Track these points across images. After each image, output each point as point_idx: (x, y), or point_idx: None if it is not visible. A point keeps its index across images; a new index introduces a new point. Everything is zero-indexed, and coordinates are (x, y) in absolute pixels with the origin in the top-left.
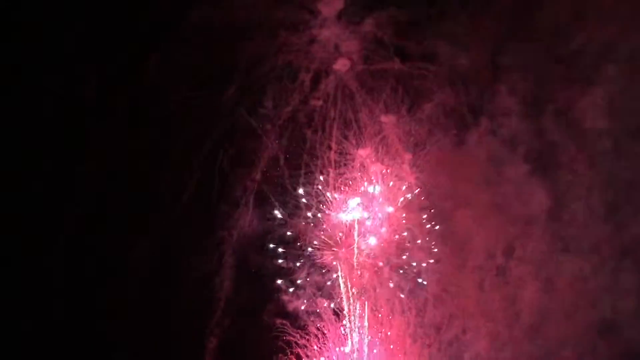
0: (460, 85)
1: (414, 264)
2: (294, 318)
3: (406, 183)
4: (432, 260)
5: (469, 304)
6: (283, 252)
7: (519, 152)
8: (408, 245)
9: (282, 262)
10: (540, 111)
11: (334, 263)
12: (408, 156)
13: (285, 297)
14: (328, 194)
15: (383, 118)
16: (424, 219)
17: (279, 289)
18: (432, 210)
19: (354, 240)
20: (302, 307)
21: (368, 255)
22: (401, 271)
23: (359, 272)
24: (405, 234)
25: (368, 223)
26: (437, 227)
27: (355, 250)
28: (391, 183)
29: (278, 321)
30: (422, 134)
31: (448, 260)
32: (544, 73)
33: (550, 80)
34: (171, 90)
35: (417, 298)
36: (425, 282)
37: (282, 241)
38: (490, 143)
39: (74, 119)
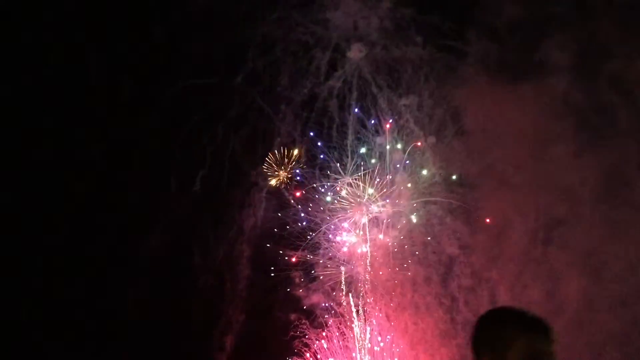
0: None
1: (443, 255)
2: (310, 315)
3: (431, 169)
4: (463, 251)
5: (505, 298)
6: (299, 244)
7: (566, 120)
8: (435, 236)
9: (297, 255)
10: (594, 71)
11: (353, 257)
12: (432, 140)
13: (301, 293)
14: (345, 184)
15: (404, 101)
16: (453, 206)
17: (295, 283)
18: (462, 195)
19: (375, 231)
20: (319, 304)
21: (390, 248)
22: (428, 264)
23: (380, 267)
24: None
25: (389, 212)
26: (469, 214)
27: (370, 245)
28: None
29: (293, 317)
30: (449, 112)
31: (481, 250)
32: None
33: (607, 33)
34: (179, 72)
35: (447, 293)
36: (455, 276)
37: (297, 232)
38: (533, 111)
39: (76, 99)
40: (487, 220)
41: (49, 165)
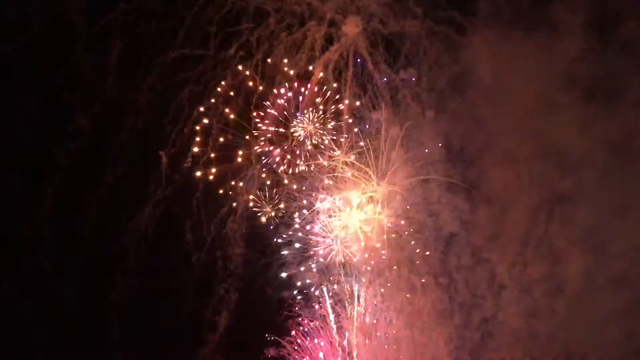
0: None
1: (441, 234)
2: (304, 294)
3: (428, 146)
4: (462, 229)
5: (504, 277)
6: (292, 223)
7: (571, 90)
8: (433, 214)
9: (291, 234)
10: (605, 34)
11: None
12: (430, 114)
13: (295, 272)
14: (340, 162)
15: (402, 74)
16: (451, 183)
17: (289, 262)
18: (462, 171)
19: (371, 210)
20: (313, 283)
21: (386, 227)
22: (425, 243)
23: (377, 245)
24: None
25: (386, 190)
26: (468, 191)
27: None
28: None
29: (287, 296)
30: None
31: (481, 228)
32: None
33: None
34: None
35: (445, 272)
36: (454, 255)
37: (291, 212)
38: (538, 78)
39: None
40: None
41: (37, 141)
